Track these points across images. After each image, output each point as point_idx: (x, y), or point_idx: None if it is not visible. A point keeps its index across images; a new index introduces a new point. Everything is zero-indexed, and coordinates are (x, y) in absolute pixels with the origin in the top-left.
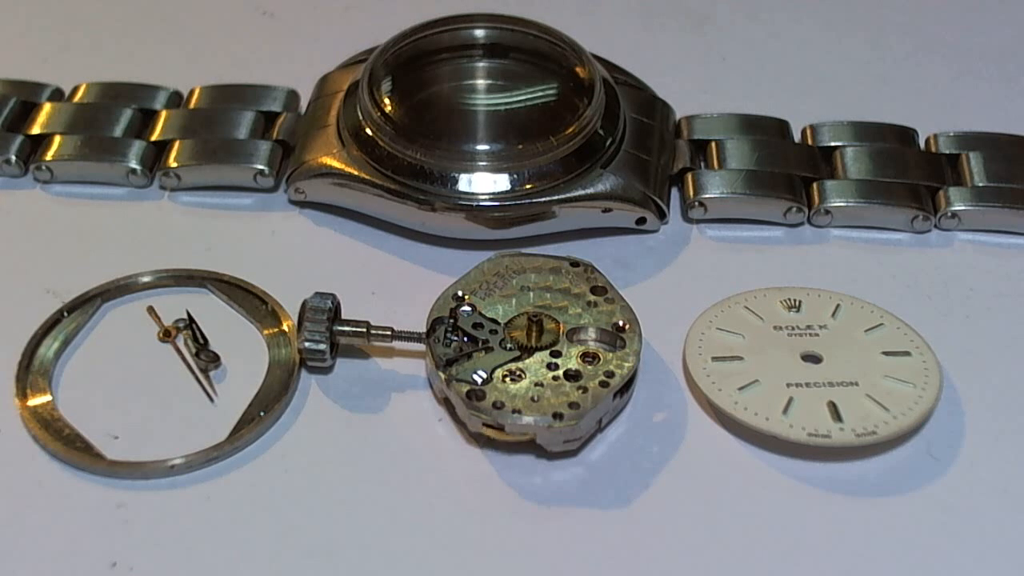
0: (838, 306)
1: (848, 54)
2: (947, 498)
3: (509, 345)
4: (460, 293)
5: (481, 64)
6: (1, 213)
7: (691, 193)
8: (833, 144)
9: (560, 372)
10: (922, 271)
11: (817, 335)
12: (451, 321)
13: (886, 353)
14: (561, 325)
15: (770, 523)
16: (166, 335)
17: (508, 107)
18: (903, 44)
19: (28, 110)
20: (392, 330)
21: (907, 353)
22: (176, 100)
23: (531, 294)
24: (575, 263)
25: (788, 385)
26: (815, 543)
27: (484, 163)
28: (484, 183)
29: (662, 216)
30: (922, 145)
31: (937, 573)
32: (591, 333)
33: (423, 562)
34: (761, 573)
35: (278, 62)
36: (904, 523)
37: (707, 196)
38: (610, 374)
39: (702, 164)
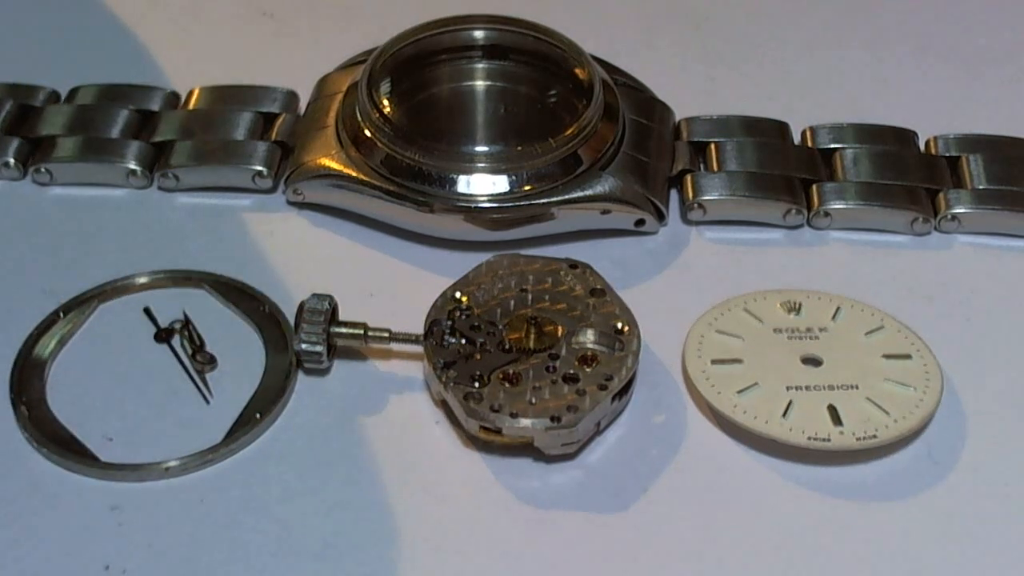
0: (838, 309)
1: (848, 56)
2: (949, 502)
3: (507, 347)
4: (458, 295)
5: (480, 65)
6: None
7: (690, 195)
8: (833, 146)
9: (558, 375)
10: (922, 274)
11: (817, 338)
12: (449, 323)
13: (887, 356)
14: (559, 327)
15: (769, 527)
16: (162, 336)
17: (507, 108)
18: (903, 46)
19: (25, 113)
20: (390, 332)
21: (908, 356)
22: (174, 101)
23: (529, 296)
24: (573, 265)
25: (788, 388)
26: (815, 547)
27: (483, 165)
28: (483, 185)
29: (661, 218)
30: (922, 147)
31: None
32: (590, 335)
33: (420, 565)
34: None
35: (278, 63)
36: (905, 527)
37: (706, 198)
38: (609, 377)
39: (701, 166)
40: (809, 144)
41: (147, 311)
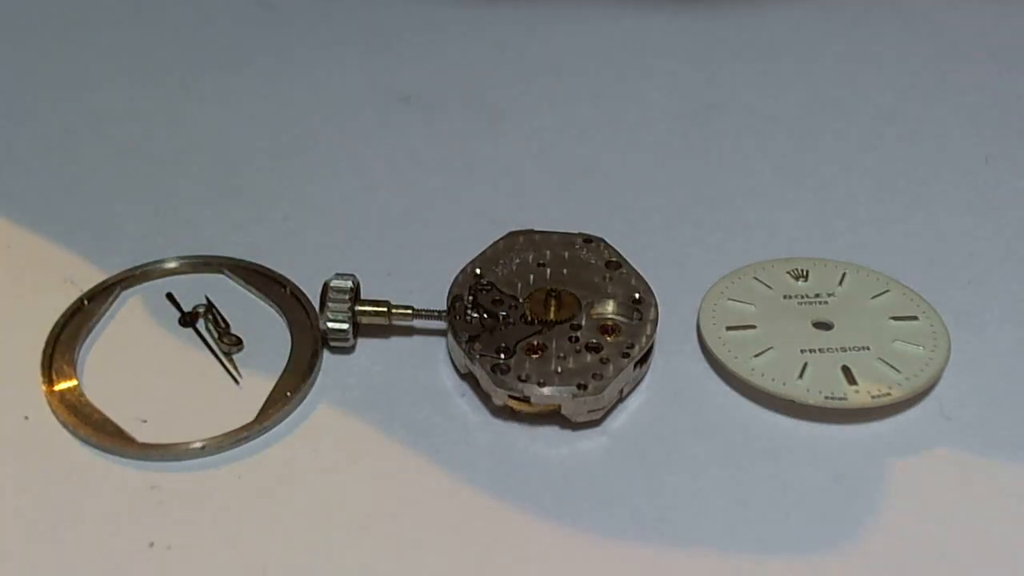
0: (844, 274)
1: None
2: (960, 455)
3: (529, 319)
4: (478, 271)
5: None
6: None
7: None
8: None
9: (581, 344)
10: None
11: (826, 303)
12: (471, 298)
13: (894, 318)
14: (579, 299)
15: (791, 484)
16: (187, 320)
17: None
18: None
19: None
20: (413, 308)
21: (914, 317)
22: None
23: (548, 270)
24: (588, 239)
25: (802, 351)
26: (835, 503)
27: None
28: None
29: None
30: None
31: (955, 527)
32: (609, 306)
33: (455, 534)
34: (784, 533)
35: None
36: (921, 480)
37: None
38: (630, 345)
39: None
40: None
41: (170, 296)
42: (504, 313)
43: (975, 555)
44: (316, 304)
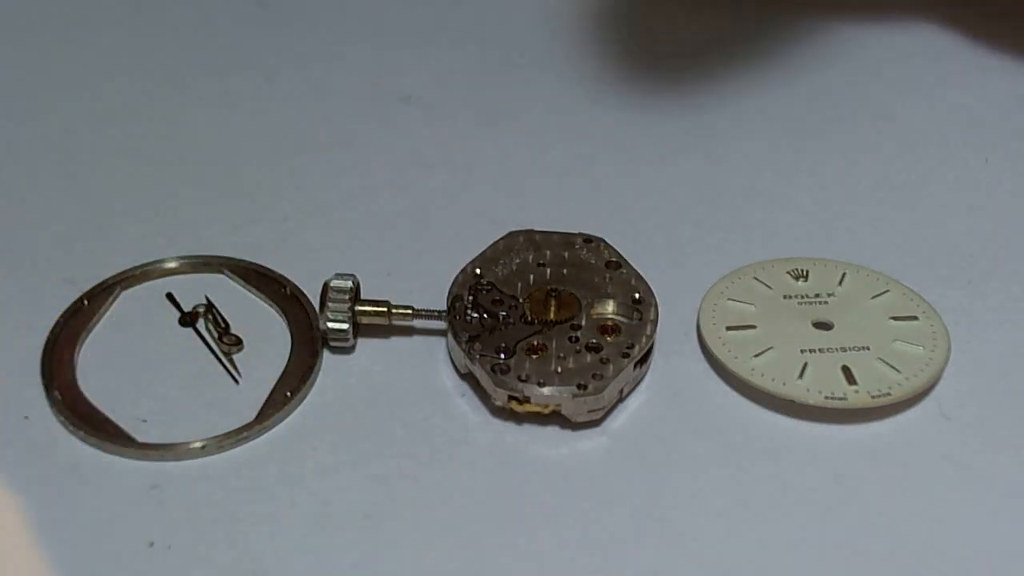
0: (844, 274)
1: None
2: (961, 455)
3: (529, 319)
4: (478, 271)
5: None
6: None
7: None
8: None
9: (581, 344)
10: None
11: (826, 303)
12: (471, 298)
13: (894, 318)
14: (579, 298)
15: (791, 484)
16: (187, 320)
17: None
18: None
19: None
20: (413, 308)
21: (915, 317)
22: None
23: (548, 270)
24: (588, 239)
25: (802, 351)
26: (835, 503)
27: None
28: None
29: None
30: None
31: (955, 527)
32: (609, 306)
33: (454, 534)
34: (784, 533)
35: None
36: (921, 480)
37: None
38: (630, 345)
39: None
40: None
41: (170, 296)
42: (504, 313)
43: (975, 555)
44: (316, 304)
